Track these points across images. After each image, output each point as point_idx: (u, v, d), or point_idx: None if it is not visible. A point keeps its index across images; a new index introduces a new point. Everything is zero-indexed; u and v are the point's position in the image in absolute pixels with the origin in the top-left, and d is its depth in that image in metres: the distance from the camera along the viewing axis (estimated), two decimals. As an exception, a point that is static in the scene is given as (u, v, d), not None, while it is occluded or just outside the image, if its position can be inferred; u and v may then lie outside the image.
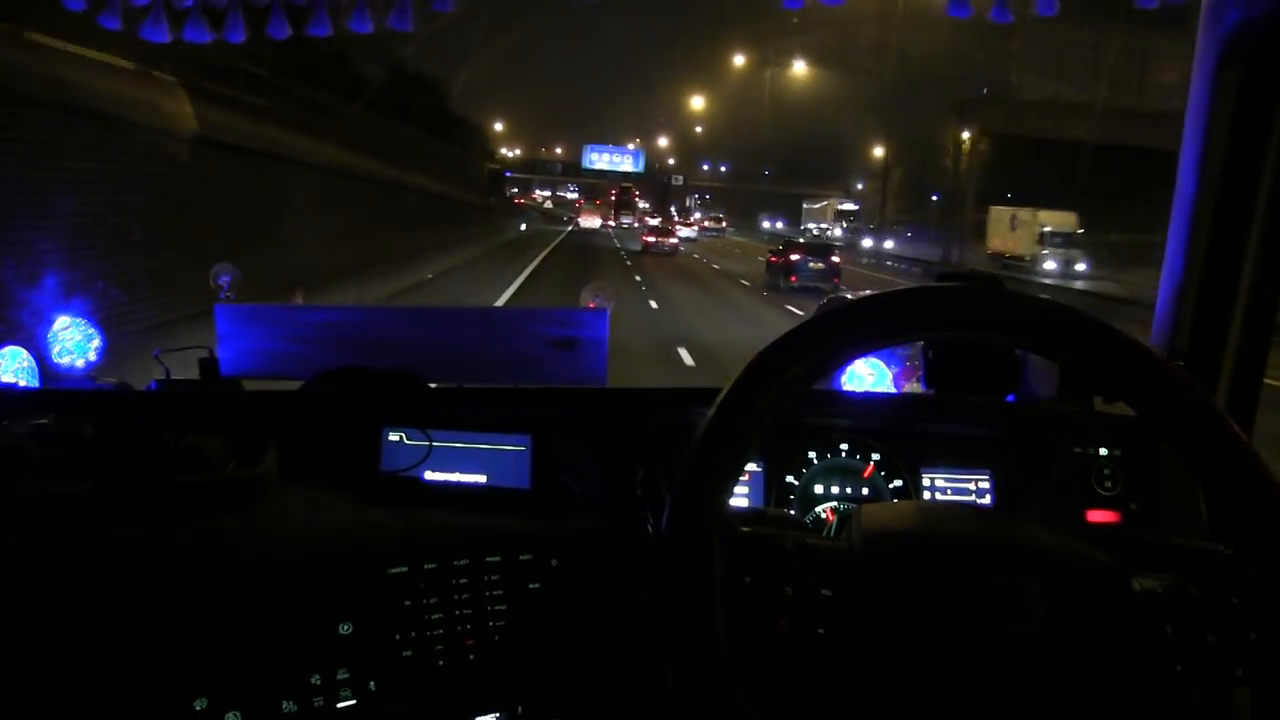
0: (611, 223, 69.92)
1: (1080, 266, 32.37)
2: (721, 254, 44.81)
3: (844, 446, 1.70)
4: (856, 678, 0.98)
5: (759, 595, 1.00)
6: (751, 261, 32.62)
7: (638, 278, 25.22)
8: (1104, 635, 0.95)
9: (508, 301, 17.80)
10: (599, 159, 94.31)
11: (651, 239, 40.15)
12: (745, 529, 1.05)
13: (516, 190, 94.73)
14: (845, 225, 69.27)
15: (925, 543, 1.01)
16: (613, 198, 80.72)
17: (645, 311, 17.03)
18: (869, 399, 1.83)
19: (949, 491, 1.71)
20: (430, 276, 20.85)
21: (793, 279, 23.54)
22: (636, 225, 64.53)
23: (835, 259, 24.95)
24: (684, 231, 65.84)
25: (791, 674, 1.01)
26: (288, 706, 1.22)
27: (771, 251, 27.24)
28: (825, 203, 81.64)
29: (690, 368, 11.39)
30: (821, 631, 0.99)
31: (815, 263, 24.09)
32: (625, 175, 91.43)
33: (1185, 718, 0.99)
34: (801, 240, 31.84)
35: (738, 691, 0.89)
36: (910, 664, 0.96)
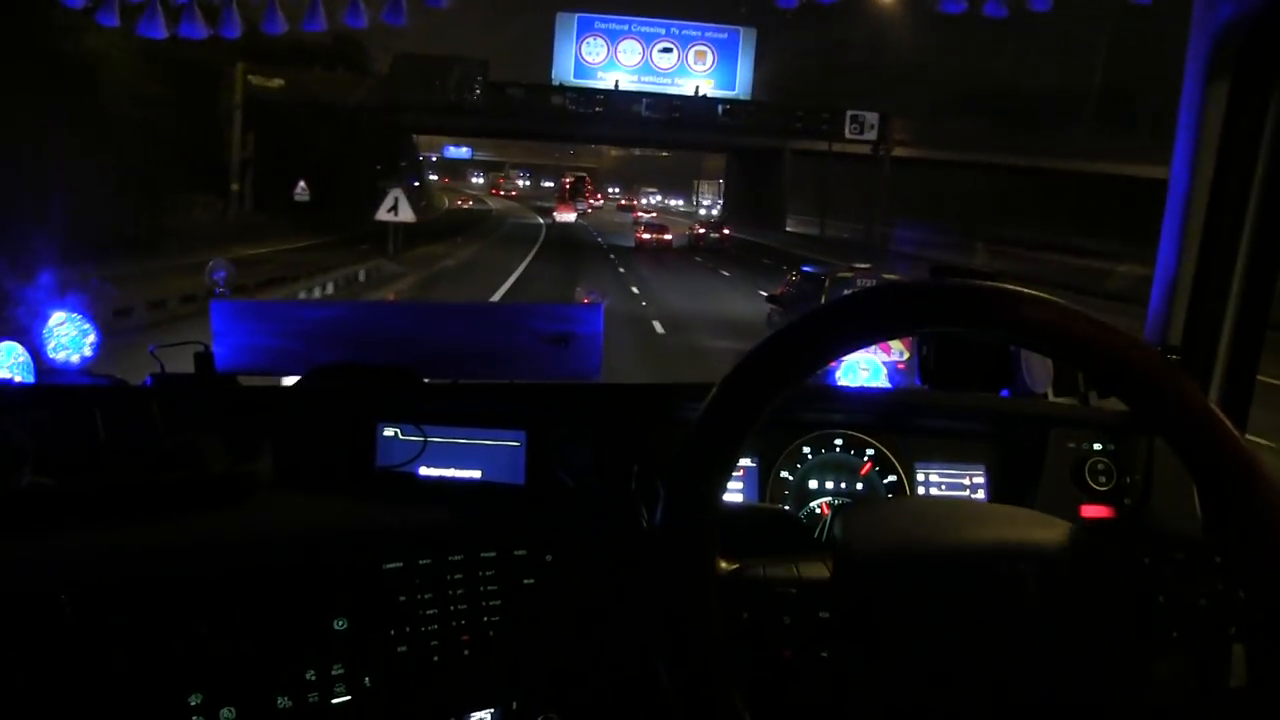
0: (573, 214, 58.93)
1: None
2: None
3: (838, 442, 1.71)
4: (865, 691, 0.98)
5: (759, 628, 0.99)
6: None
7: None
8: (1099, 614, 0.95)
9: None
10: (601, 57, 40.25)
11: (646, 236, 38.20)
12: (733, 567, 1.03)
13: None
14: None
15: (911, 543, 1.01)
16: (566, 184, 72.62)
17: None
18: (864, 394, 1.83)
19: (944, 487, 1.71)
20: None
21: (700, 244, 39.39)
22: (589, 209, 68.62)
23: (726, 231, 41.83)
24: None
25: (803, 700, 1.01)
26: (282, 702, 1.22)
27: (690, 229, 43.86)
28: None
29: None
30: (825, 655, 0.99)
31: (713, 234, 41.21)
32: (701, 110, 39.43)
33: (1185, 684, 1.00)
34: (704, 221, 46.53)
35: (732, 689, 0.90)
36: (913, 666, 0.96)
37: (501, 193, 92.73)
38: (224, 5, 1.81)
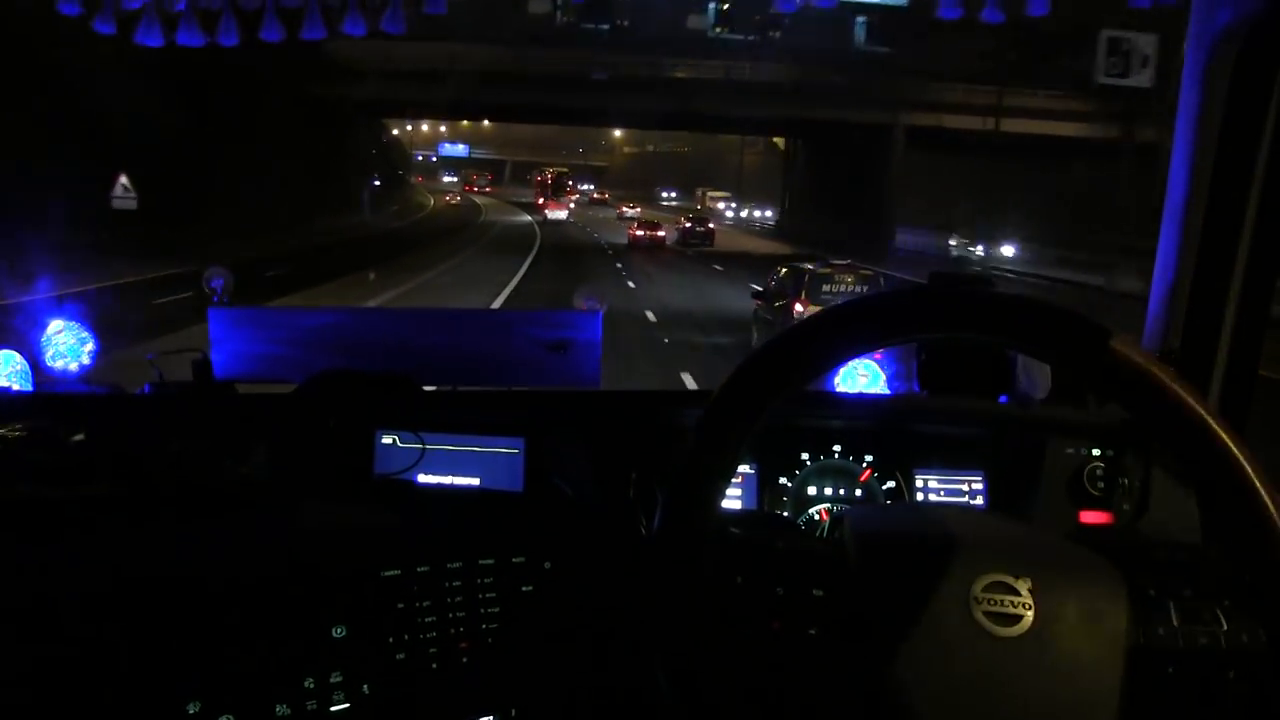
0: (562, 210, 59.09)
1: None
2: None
3: (837, 448, 1.70)
4: (849, 677, 0.98)
5: (751, 596, 1.00)
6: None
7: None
8: (1097, 636, 0.95)
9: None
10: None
11: (640, 233, 38.80)
12: (736, 530, 1.05)
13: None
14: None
15: (916, 544, 1.01)
16: (548, 180, 72.08)
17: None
18: (862, 400, 1.83)
19: (942, 493, 1.70)
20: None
21: (687, 237, 42.72)
22: (570, 205, 68.93)
23: (710, 226, 45.60)
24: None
25: (785, 674, 1.01)
26: (281, 710, 1.22)
27: (677, 223, 46.87)
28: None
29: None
30: (813, 632, 0.99)
31: (699, 228, 43.89)
32: (818, 27, 27.62)
33: (1180, 716, 1.00)
34: (691, 215, 51.58)
35: (729, 693, 0.89)
36: (901, 663, 0.96)
37: (475, 189, 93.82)
38: (221, 13, 1.81)
